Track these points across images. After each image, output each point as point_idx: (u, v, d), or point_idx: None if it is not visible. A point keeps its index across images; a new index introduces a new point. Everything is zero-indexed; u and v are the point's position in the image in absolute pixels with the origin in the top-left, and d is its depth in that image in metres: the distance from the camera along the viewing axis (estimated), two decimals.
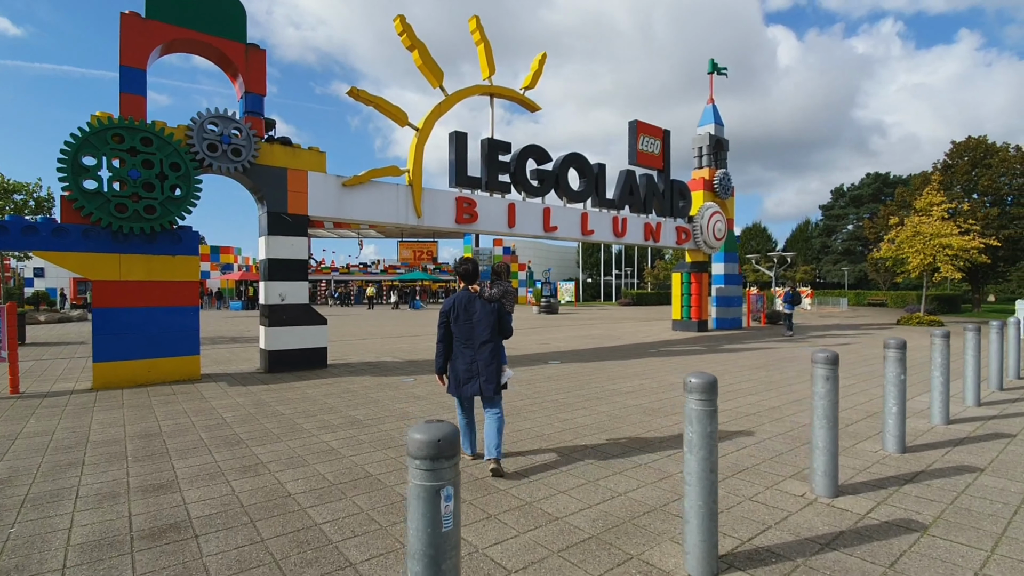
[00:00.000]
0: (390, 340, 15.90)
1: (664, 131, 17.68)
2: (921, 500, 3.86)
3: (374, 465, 4.65)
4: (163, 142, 8.64)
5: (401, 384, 8.68)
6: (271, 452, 5.03)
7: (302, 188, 10.14)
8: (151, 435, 5.68)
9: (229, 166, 9.20)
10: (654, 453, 4.99)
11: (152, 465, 4.69)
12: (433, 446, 1.69)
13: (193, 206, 8.90)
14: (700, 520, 2.78)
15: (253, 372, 9.89)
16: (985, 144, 29.90)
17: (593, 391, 8.04)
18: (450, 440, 1.72)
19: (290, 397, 7.62)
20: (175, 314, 8.94)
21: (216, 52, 9.60)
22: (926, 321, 22.02)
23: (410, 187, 11.57)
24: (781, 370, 10.06)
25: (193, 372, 9.11)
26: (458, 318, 4.43)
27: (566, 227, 14.61)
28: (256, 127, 9.64)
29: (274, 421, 6.24)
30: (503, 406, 4.94)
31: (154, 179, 8.57)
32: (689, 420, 2.82)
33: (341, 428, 5.92)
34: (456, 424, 3.73)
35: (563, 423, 6.12)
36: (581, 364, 10.87)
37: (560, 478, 4.32)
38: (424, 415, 6.52)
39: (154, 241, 8.76)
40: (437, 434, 1.71)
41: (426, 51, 11.50)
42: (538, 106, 13.94)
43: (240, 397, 7.63)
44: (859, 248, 60.10)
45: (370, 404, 7.18)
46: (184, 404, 7.20)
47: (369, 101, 10.85)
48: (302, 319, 10.17)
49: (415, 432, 1.73)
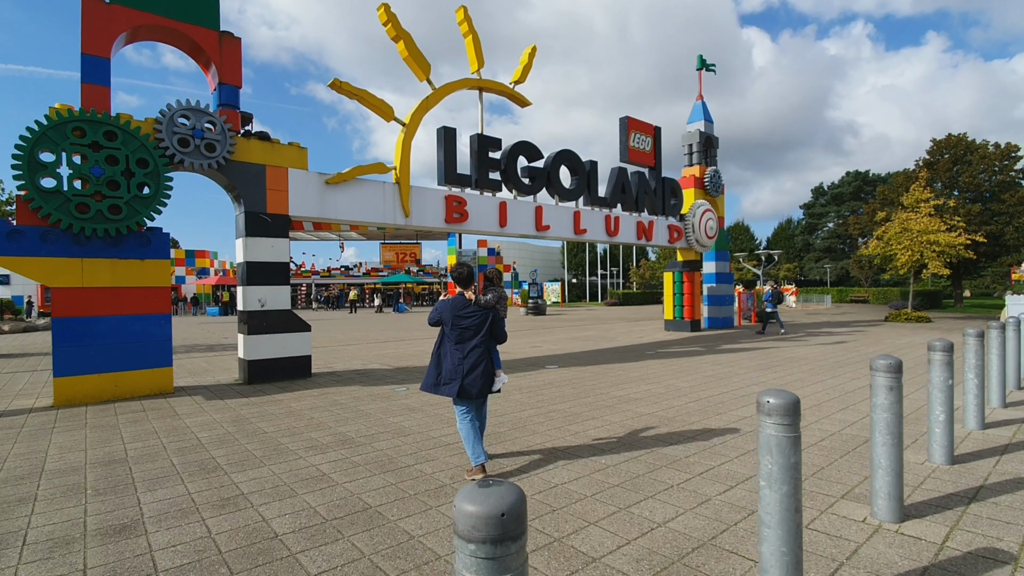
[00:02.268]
0: (376, 345, 15.25)
1: (655, 128, 17.32)
2: (996, 523, 3.43)
3: (372, 494, 4.08)
4: (129, 136, 7.94)
5: (392, 394, 8.09)
6: (253, 480, 4.43)
7: (282, 186, 9.49)
8: (115, 461, 5.03)
9: (202, 162, 8.52)
10: (684, 471, 4.52)
11: (115, 500, 4.07)
12: (495, 524, 1.17)
13: (163, 206, 8.21)
14: (784, 570, 2.29)
15: (232, 384, 9.20)
16: (965, 141, 30.25)
17: (600, 399, 7.56)
18: (517, 513, 1.20)
19: (273, 412, 7.00)
20: (144, 323, 8.23)
21: (187, 40, 8.91)
22: (914, 317, 22.03)
23: (397, 185, 10.97)
24: (789, 371, 9.70)
25: (165, 385, 8.41)
26: (451, 322, 4.46)
27: (558, 226, 14.14)
28: (231, 121, 8.97)
29: (255, 441, 5.62)
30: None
31: (119, 176, 7.86)
32: (767, 448, 2.33)
33: (331, 448, 5.33)
34: (517, 487, 3.36)
35: (575, 436, 5.62)
36: (580, 368, 10.39)
37: (587, 505, 3.81)
38: (421, 430, 5.97)
39: (120, 244, 8.05)
40: (499, 505, 1.18)
41: (412, 42, 10.92)
42: (528, 101, 13.44)
43: (217, 413, 6.98)
44: (840, 246, 60.81)
45: (361, 418, 6.59)
46: (154, 423, 6.54)
47: (353, 94, 10.23)
48: (284, 326, 9.51)
49: (467, 502, 1.20)
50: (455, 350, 4.44)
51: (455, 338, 4.45)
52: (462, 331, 4.44)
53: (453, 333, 4.46)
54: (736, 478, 4.33)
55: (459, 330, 4.44)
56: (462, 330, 4.44)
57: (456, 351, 4.44)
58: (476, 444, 4.42)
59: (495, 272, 5.49)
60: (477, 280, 4.77)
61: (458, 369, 4.39)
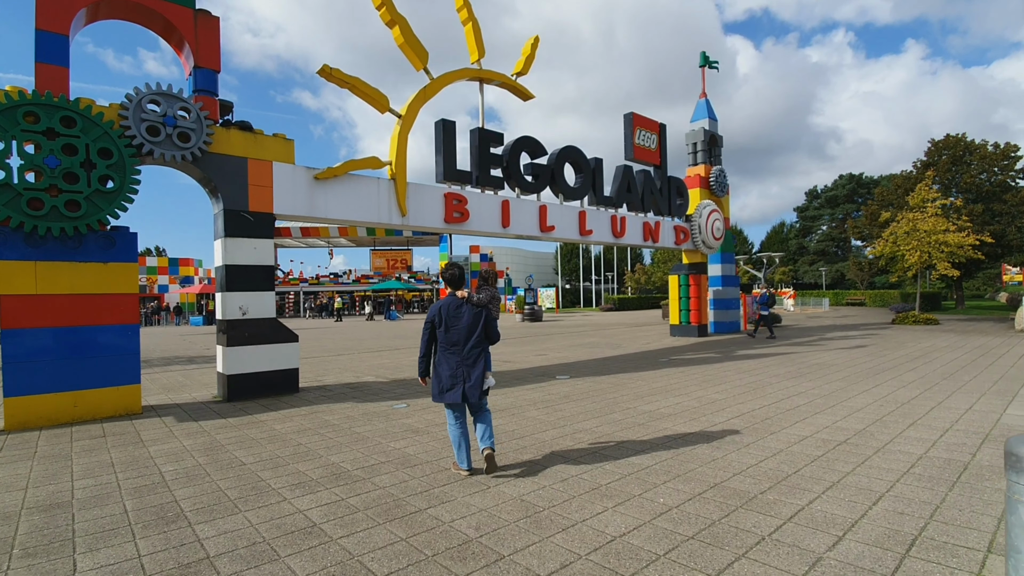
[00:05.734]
0: (369, 355, 14.28)
1: (660, 124, 16.58)
2: None
3: (378, 559, 3.16)
4: (90, 123, 6.99)
5: (392, 412, 7.17)
6: (223, 536, 3.50)
7: (266, 181, 8.56)
8: (57, 506, 4.08)
9: (175, 153, 7.57)
10: (768, 514, 3.65)
11: (44, 566, 3.12)
12: None
13: (129, 201, 7.25)
14: None
15: (209, 401, 8.22)
16: (964, 142, 29.91)
17: (628, 415, 6.68)
18: None
19: (253, 436, 6.04)
20: (108, 334, 7.24)
21: (158, 18, 7.99)
22: (922, 319, 21.45)
23: (393, 181, 10.08)
24: (824, 379, 8.89)
25: (132, 405, 7.42)
26: (445, 324, 4.41)
27: (563, 227, 13.30)
28: (209, 108, 8.04)
29: (231, 476, 4.68)
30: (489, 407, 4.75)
31: (78, 168, 6.90)
32: (1020, 518, 1.47)
33: (322, 485, 4.40)
34: None
35: (616, 466, 4.73)
36: (595, 379, 9.51)
37: (665, 569, 2.93)
38: (430, 459, 5.05)
39: (80, 245, 7.07)
40: None
41: (408, 28, 10.07)
42: (531, 94, 12.62)
43: (189, 439, 6.01)
44: (834, 249, 60.58)
45: (357, 444, 5.66)
46: (113, 452, 5.57)
47: (344, 82, 9.34)
48: (269, 336, 8.55)
49: None
50: (449, 355, 4.40)
51: (450, 341, 4.40)
52: (457, 332, 4.40)
53: (448, 336, 4.40)
54: (840, 524, 3.47)
55: (454, 331, 4.39)
56: (457, 331, 4.40)
57: (451, 355, 4.40)
58: (465, 452, 4.46)
59: (490, 272, 5.35)
60: (469, 282, 4.51)
61: (458, 374, 4.35)
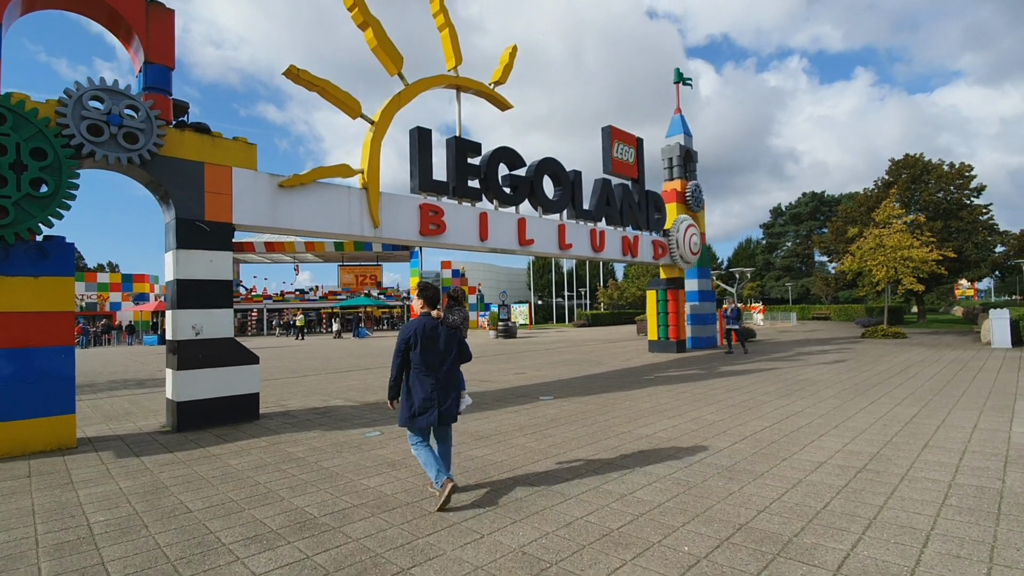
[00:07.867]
0: (337, 376, 13.44)
1: (638, 139, 16.43)
2: None
3: None
4: (21, 119, 6.20)
5: (364, 441, 6.48)
6: None
7: (224, 188, 7.85)
8: None
9: (120, 155, 6.82)
10: (812, 564, 3.15)
11: None
12: None
13: (65, 208, 6.46)
14: None
15: (156, 432, 7.36)
16: (922, 162, 30.96)
17: (623, 441, 6.17)
18: None
19: (203, 475, 5.28)
20: (38, 357, 6.37)
21: (104, 9, 7.27)
22: (891, 333, 21.75)
23: (365, 191, 9.47)
24: (815, 396, 8.58)
25: (66, 438, 6.53)
26: (421, 346, 4.23)
27: (543, 241, 12.88)
28: (161, 107, 7.32)
29: (172, 529, 3.95)
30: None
31: (7, 170, 6.10)
32: None
33: (283, 538, 3.72)
34: None
35: (627, 507, 4.20)
36: (581, 400, 8.99)
37: None
38: (410, 499, 4.42)
39: (7, 257, 6.23)
40: None
41: (381, 30, 9.56)
42: (510, 104, 12.24)
43: (127, 480, 5.21)
44: (799, 264, 62.07)
45: (325, 482, 4.97)
46: (37, 496, 4.75)
47: (313, 85, 8.75)
48: (225, 358, 7.75)
49: None
50: (424, 377, 4.23)
51: (426, 363, 4.23)
52: (434, 354, 4.26)
53: (423, 358, 4.23)
54: (888, 572, 3.00)
55: (430, 353, 4.25)
56: (434, 353, 4.26)
57: (427, 378, 4.23)
58: (439, 469, 4.19)
59: (459, 291, 5.12)
60: (441, 301, 4.58)
61: (432, 397, 4.21)
